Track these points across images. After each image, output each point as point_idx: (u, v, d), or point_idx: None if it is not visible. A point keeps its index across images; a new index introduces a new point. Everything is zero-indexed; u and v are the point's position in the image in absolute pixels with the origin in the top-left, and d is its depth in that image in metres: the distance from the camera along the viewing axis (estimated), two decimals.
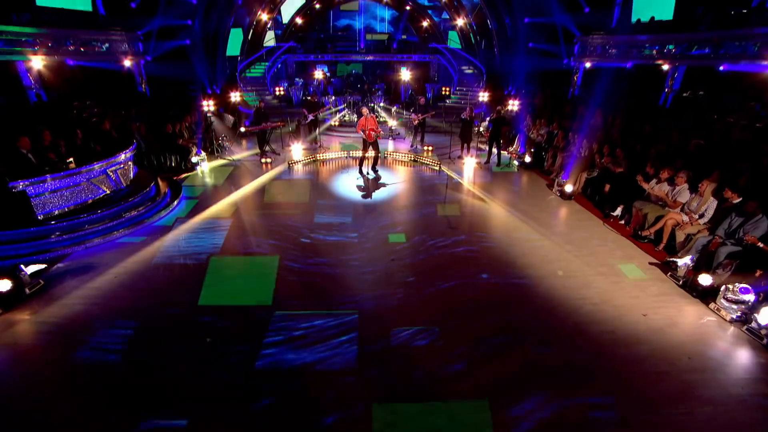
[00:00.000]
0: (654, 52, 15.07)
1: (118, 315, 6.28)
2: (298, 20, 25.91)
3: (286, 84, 23.56)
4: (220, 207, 10.45)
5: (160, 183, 11.14)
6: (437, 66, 25.01)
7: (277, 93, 19.38)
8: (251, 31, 23.63)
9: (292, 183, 12.59)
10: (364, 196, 11.27)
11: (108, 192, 9.59)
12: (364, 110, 12.66)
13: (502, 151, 14.34)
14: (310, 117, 16.85)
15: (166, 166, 13.54)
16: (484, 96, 16.10)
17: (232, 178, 12.94)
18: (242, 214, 9.94)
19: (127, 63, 17.57)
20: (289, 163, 14.07)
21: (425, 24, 26.22)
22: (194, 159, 13.64)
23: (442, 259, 7.91)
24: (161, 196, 10.36)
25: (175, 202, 10.55)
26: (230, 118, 18.48)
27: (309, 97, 16.87)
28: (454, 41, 25.99)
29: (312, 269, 7.50)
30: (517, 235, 9.05)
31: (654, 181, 9.05)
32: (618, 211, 9.84)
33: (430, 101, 20.26)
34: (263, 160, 14.44)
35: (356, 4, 27.15)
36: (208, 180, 12.81)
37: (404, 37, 26.73)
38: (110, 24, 16.78)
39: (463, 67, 23.69)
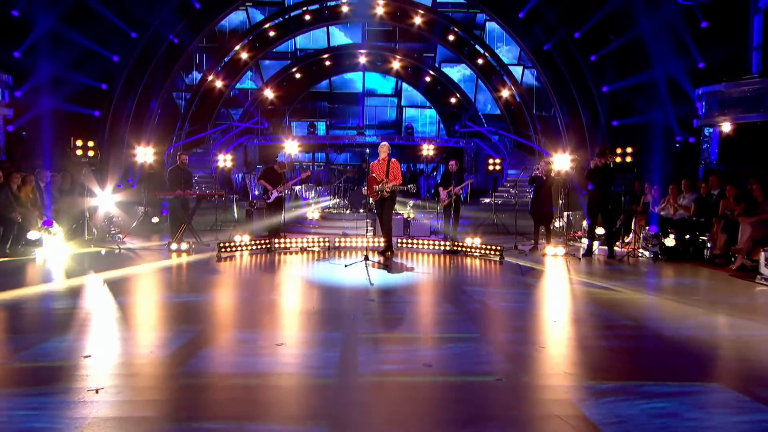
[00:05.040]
0: None
1: None
2: (269, 93, 23.97)
3: (240, 173, 20.56)
4: None
5: None
6: (475, 153, 22.33)
7: (222, 164, 16.24)
8: (196, 98, 21.40)
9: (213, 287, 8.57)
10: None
11: None
12: (384, 147, 10.33)
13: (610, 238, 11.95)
14: (275, 194, 13.30)
15: None
16: (564, 161, 12.74)
17: (95, 269, 9.09)
18: None
19: None
20: (219, 250, 10.15)
21: (453, 100, 24.33)
22: (33, 235, 9.58)
23: None
24: None
25: None
26: (140, 211, 16.00)
27: (275, 165, 13.62)
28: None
29: None
30: None
31: None
32: None
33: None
34: (173, 247, 10.67)
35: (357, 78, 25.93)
36: (49, 269, 8.96)
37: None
38: None
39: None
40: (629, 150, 12.49)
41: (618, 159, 12.76)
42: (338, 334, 5.29)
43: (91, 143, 12.28)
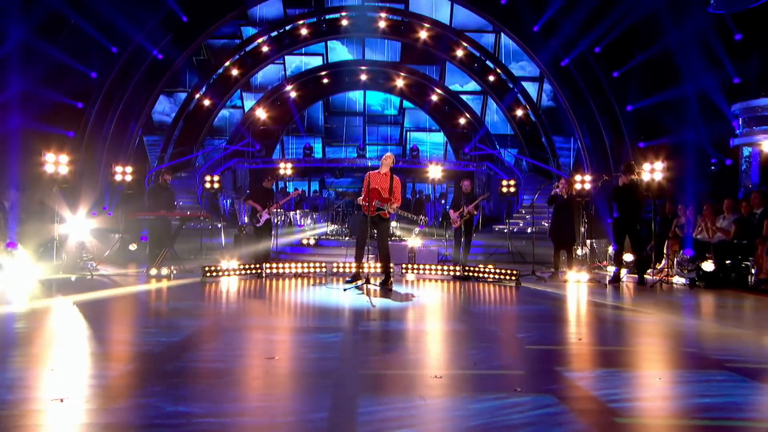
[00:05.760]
0: None
1: None
2: (261, 113, 24.18)
3: (229, 199, 20.62)
4: None
5: None
6: (487, 177, 22.42)
7: (208, 185, 16.35)
8: (183, 115, 21.59)
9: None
10: None
11: None
12: (388, 159, 9.80)
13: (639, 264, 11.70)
14: (265, 216, 13.31)
15: None
16: (584, 181, 12.77)
17: (63, 293, 9.02)
18: None
19: None
20: (204, 274, 10.51)
21: (462, 120, 24.51)
22: None
23: None
24: None
25: None
26: (116, 238, 16.10)
27: (264, 183, 13.69)
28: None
29: None
30: None
31: None
32: None
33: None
34: (152, 273, 10.70)
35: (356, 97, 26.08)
36: (11, 292, 8.82)
37: None
38: None
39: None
40: (659, 166, 12.34)
41: (645, 176, 12.69)
42: (336, 350, 5.19)
43: (64, 158, 12.20)
